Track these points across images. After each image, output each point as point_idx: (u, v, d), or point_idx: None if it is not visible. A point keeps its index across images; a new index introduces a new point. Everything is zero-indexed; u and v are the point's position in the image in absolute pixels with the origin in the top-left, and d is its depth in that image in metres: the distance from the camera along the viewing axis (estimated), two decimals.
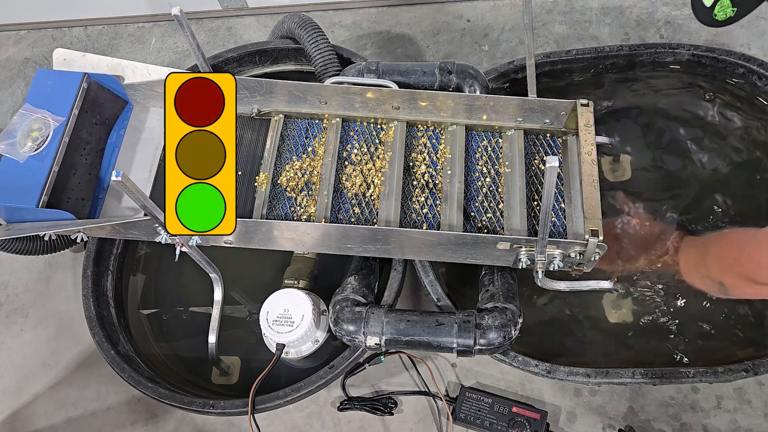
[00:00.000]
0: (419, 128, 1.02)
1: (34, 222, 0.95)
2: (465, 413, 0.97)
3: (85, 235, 0.98)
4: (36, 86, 1.01)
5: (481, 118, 1.00)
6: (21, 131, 0.97)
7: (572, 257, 0.88)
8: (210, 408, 0.95)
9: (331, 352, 1.03)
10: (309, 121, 1.04)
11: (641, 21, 1.34)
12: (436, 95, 0.98)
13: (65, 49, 1.07)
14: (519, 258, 0.89)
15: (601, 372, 0.90)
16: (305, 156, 1.00)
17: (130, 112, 1.08)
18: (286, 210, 0.96)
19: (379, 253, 0.94)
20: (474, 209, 0.94)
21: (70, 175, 0.99)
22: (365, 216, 0.94)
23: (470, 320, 0.89)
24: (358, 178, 0.97)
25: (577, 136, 0.95)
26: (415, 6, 1.44)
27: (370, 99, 1.00)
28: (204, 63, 1.00)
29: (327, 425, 1.03)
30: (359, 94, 0.99)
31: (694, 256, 0.98)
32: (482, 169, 0.98)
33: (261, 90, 1.01)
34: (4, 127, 0.99)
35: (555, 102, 0.96)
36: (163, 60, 1.48)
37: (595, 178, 0.90)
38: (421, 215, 0.94)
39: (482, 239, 0.88)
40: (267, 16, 1.49)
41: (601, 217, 0.87)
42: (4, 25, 1.57)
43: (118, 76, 1.04)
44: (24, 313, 1.20)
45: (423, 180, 0.97)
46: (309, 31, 1.14)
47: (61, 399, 1.11)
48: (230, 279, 1.08)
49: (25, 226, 0.94)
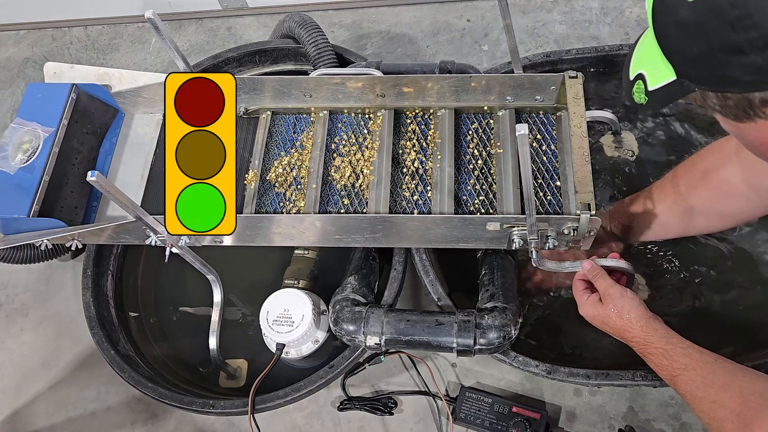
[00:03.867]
0: (408, 115, 1.02)
1: (27, 231, 0.96)
2: (465, 413, 0.97)
3: (80, 243, 0.99)
4: (27, 100, 1.03)
5: (469, 100, 0.99)
6: (12, 144, 0.99)
7: (566, 234, 0.87)
8: (210, 408, 0.95)
9: (331, 352, 1.03)
10: (297, 116, 1.04)
11: (641, 21, 1.33)
12: (418, 79, 0.97)
13: (55, 63, 1.08)
14: (512, 239, 0.88)
15: (601, 374, 0.90)
16: (293, 151, 1.01)
17: (121, 120, 1.09)
18: (275, 205, 0.97)
19: (368, 242, 0.94)
20: (466, 193, 0.94)
21: (62, 185, 1.00)
22: (354, 207, 0.94)
23: (470, 320, 0.89)
24: (347, 169, 0.97)
25: (566, 110, 0.93)
26: (415, 6, 1.44)
27: (354, 88, 0.99)
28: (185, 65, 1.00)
29: (327, 425, 1.03)
30: (342, 83, 0.99)
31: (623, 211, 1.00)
32: (473, 151, 0.98)
33: (245, 88, 1.02)
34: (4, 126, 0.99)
35: (543, 76, 0.95)
36: (163, 60, 1.48)
37: (586, 152, 0.88)
38: (411, 202, 0.94)
39: (470, 221, 0.87)
40: (267, 16, 1.49)
41: (592, 191, 0.85)
42: (4, 25, 1.57)
43: (105, 85, 1.05)
44: (24, 313, 1.20)
45: (413, 167, 0.97)
46: (308, 30, 1.15)
47: (61, 399, 1.11)
48: (230, 280, 1.07)
49: (18, 236, 0.96)
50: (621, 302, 0.82)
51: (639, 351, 0.82)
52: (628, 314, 0.82)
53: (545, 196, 0.92)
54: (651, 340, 0.80)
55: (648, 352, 0.81)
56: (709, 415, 0.73)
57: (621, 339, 0.84)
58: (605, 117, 1.03)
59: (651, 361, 0.81)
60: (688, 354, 0.77)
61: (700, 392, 0.74)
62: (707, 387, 0.73)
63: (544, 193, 0.92)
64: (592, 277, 0.87)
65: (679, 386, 0.77)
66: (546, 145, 0.96)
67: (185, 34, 1.50)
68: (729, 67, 0.54)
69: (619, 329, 0.83)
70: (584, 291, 0.88)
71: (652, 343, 0.80)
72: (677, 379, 0.77)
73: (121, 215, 0.99)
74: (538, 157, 0.95)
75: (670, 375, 0.78)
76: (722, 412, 0.71)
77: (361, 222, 0.90)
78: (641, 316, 0.81)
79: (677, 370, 0.77)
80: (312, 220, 0.92)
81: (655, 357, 0.80)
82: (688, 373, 0.76)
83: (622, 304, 0.82)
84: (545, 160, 0.95)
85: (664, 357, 0.78)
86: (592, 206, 0.84)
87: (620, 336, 0.84)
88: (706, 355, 0.77)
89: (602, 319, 0.85)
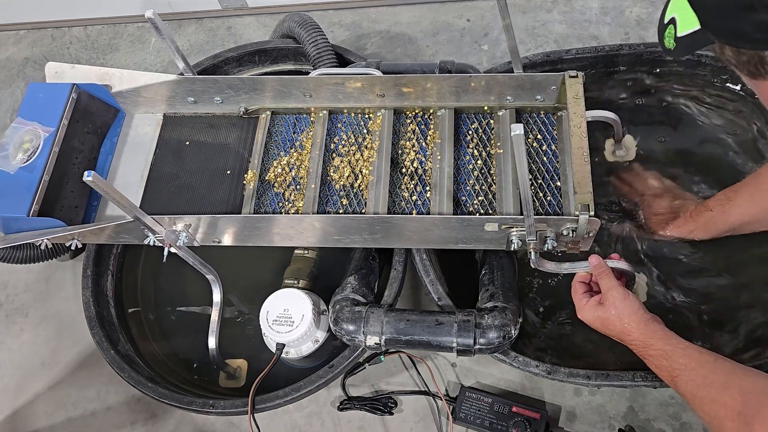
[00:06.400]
0: (407, 115, 1.02)
1: (26, 231, 0.96)
2: (465, 413, 0.97)
3: (79, 242, 0.99)
4: (27, 99, 1.03)
5: (469, 100, 0.99)
6: (13, 144, 0.99)
7: (565, 235, 0.87)
8: (210, 408, 0.95)
9: (331, 351, 1.03)
10: (296, 116, 1.04)
11: (641, 21, 1.33)
12: (417, 79, 0.97)
13: (56, 63, 1.08)
14: (510, 239, 0.88)
15: (601, 374, 0.89)
16: (293, 151, 1.01)
17: (122, 120, 1.09)
18: (274, 205, 0.97)
19: (367, 243, 0.94)
20: (465, 193, 0.94)
21: (62, 184, 1.00)
22: (353, 207, 0.94)
23: (470, 320, 0.89)
24: (346, 169, 0.97)
25: (566, 109, 0.93)
26: (415, 5, 1.44)
27: (354, 88, 0.99)
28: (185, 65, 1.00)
29: (327, 425, 1.03)
30: (342, 83, 0.99)
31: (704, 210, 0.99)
32: (473, 152, 0.97)
33: (245, 88, 1.01)
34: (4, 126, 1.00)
35: (544, 76, 0.95)
36: (163, 59, 1.48)
37: (585, 151, 0.88)
38: (410, 203, 0.94)
39: (468, 221, 0.87)
40: (267, 16, 1.49)
41: (591, 191, 0.85)
42: (4, 25, 1.57)
43: (106, 85, 1.05)
44: (24, 313, 1.20)
45: (412, 167, 0.97)
46: (308, 30, 1.15)
47: (61, 399, 1.11)
48: (230, 279, 1.07)
49: (18, 235, 0.96)
50: (622, 305, 0.82)
51: (639, 353, 0.82)
52: (628, 317, 0.82)
53: (545, 196, 0.92)
54: (650, 342, 0.80)
55: (648, 354, 0.81)
56: (710, 414, 0.73)
57: (621, 341, 0.84)
58: (606, 117, 1.02)
59: (651, 363, 0.81)
60: (688, 354, 0.77)
61: (701, 392, 0.74)
62: (707, 386, 0.73)
63: (544, 194, 0.92)
64: (597, 274, 0.87)
65: (680, 387, 0.77)
66: (546, 145, 0.96)
67: (185, 33, 1.50)
68: (741, 22, 0.56)
69: (619, 332, 0.83)
70: (584, 294, 0.88)
71: (651, 345, 0.80)
72: (677, 380, 0.77)
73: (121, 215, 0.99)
74: (539, 157, 0.95)
75: (670, 376, 0.78)
76: (723, 411, 0.71)
77: (360, 222, 0.90)
78: (640, 319, 0.81)
79: (677, 370, 0.77)
80: (310, 221, 0.91)
81: (654, 359, 0.80)
82: (688, 374, 0.76)
83: (623, 307, 0.82)
84: (545, 160, 0.95)
85: (664, 358, 0.78)
86: (591, 207, 0.84)
87: (620, 338, 0.84)
88: (706, 354, 0.77)
89: (602, 322, 0.85)
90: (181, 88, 1.03)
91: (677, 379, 0.77)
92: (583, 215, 0.83)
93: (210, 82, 1.02)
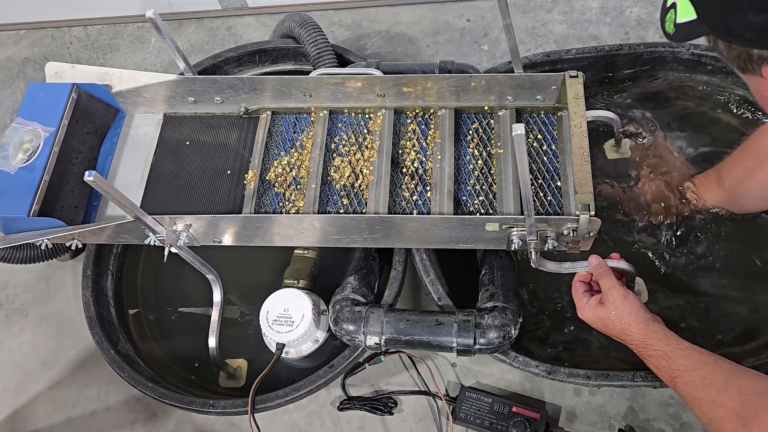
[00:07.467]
0: (408, 115, 1.02)
1: (27, 231, 0.96)
2: (465, 413, 0.97)
3: (80, 242, 0.99)
4: (28, 99, 1.03)
5: (469, 99, 0.99)
6: (13, 144, 0.99)
7: (566, 235, 0.87)
8: (210, 408, 0.95)
9: (331, 351, 1.03)
10: (297, 116, 1.04)
11: (641, 21, 1.34)
12: (417, 79, 0.97)
13: (56, 63, 1.08)
14: (511, 239, 0.88)
15: (601, 374, 0.89)
16: (293, 150, 1.01)
17: (122, 120, 1.09)
18: (275, 205, 0.97)
19: (367, 243, 0.94)
20: (465, 193, 0.94)
21: (62, 184, 1.00)
22: (354, 207, 0.94)
23: (470, 320, 0.89)
24: (346, 169, 0.97)
25: (567, 109, 0.93)
26: (415, 5, 1.44)
27: (354, 88, 0.99)
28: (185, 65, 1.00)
29: (327, 425, 1.03)
30: (342, 83, 0.99)
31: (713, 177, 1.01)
32: (473, 151, 0.98)
33: (245, 88, 1.01)
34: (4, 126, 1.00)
35: (544, 76, 0.95)
36: (163, 59, 1.48)
37: (586, 151, 0.88)
38: (411, 202, 0.94)
39: (468, 221, 0.87)
40: (267, 16, 1.49)
41: (592, 191, 0.85)
42: (4, 25, 1.57)
43: (106, 85, 1.05)
44: (24, 313, 1.20)
45: (412, 167, 0.97)
46: (308, 30, 1.15)
47: (61, 399, 1.11)
48: (230, 279, 1.07)
49: (18, 235, 0.96)
50: (622, 305, 0.83)
51: (639, 353, 0.82)
52: (628, 317, 0.82)
53: (546, 196, 0.92)
54: (650, 342, 0.80)
55: (648, 354, 0.81)
56: (709, 415, 0.73)
57: (621, 341, 0.84)
58: (606, 116, 1.02)
59: (651, 363, 0.81)
60: (687, 355, 0.77)
61: (700, 393, 0.74)
62: (706, 387, 0.74)
63: (545, 194, 0.92)
64: (597, 273, 0.87)
65: (679, 387, 0.77)
66: (547, 145, 0.96)
67: (185, 33, 1.50)
68: (733, 20, 0.59)
69: (619, 332, 0.83)
70: (584, 294, 0.88)
71: (651, 345, 0.80)
72: (677, 381, 0.77)
73: (121, 215, 0.99)
74: (539, 157, 0.95)
75: (669, 376, 0.78)
76: (722, 413, 0.71)
77: (360, 222, 0.90)
78: (640, 319, 0.82)
79: (677, 371, 0.77)
80: (311, 221, 0.91)
81: (654, 359, 0.80)
82: (687, 374, 0.76)
83: (623, 307, 0.82)
84: (546, 160, 0.95)
85: (664, 359, 0.78)
86: (592, 207, 0.84)
87: (620, 338, 0.84)
88: (705, 355, 0.77)
89: (603, 322, 0.85)
90: (181, 88, 1.03)
91: (677, 380, 0.77)
92: (583, 215, 0.83)
93: (210, 82, 1.02)
